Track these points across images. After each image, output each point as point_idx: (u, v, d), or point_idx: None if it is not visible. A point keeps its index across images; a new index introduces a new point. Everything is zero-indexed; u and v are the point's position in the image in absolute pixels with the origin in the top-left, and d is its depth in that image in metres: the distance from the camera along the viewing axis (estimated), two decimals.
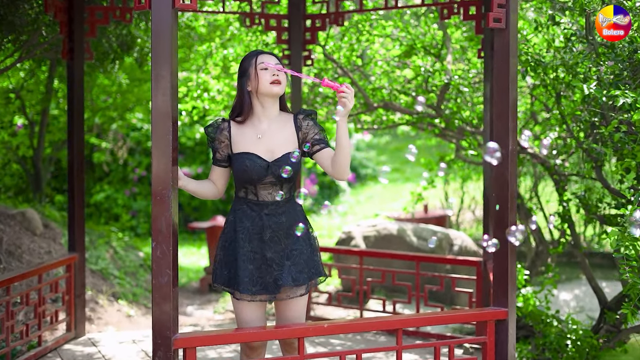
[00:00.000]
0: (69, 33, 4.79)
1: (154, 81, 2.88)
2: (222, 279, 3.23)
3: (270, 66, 3.16)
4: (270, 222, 3.18)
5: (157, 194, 2.90)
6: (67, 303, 4.89)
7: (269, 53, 3.26)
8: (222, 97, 6.25)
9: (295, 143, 3.24)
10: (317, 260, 3.28)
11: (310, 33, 5.27)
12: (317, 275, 3.25)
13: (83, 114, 4.91)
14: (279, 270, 3.16)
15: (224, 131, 3.24)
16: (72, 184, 4.87)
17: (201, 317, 6.60)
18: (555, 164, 5.35)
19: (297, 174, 3.24)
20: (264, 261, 3.17)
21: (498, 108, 3.42)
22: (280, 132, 3.23)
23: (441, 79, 5.47)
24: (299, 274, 3.17)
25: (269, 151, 3.20)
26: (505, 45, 3.39)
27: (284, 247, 3.19)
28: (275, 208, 3.20)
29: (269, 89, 3.18)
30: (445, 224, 8.29)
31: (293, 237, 3.20)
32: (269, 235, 3.17)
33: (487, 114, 4.67)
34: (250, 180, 3.17)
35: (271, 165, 3.17)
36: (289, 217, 3.21)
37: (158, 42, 2.86)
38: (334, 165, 3.16)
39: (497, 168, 3.42)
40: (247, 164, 3.16)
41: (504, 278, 3.43)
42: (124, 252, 7.66)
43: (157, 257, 2.90)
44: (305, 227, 3.25)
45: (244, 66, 3.23)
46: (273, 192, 3.20)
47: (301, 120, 3.26)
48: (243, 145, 3.21)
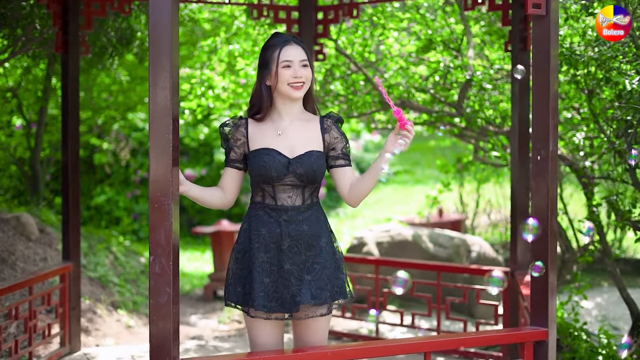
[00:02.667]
0: (63, 25, 4.45)
1: (152, 73, 2.52)
2: (235, 296, 2.85)
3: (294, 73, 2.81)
4: (290, 229, 2.80)
5: (155, 201, 2.54)
6: (61, 316, 4.54)
7: (295, 41, 2.86)
8: (228, 94, 5.89)
9: (319, 144, 2.87)
10: (342, 278, 2.89)
11: (322, 26, 4.91)
12: (342, 297, 2.86)
13: (78, 112, 4.56)
14: (297, 285, 2.78)
15: (240, 128, 2.88)
16: (67, 187, 4.52)
17: (205, 327, 6.24)
18: (584, 166, 5.00)
19: (321, 177, 2.87)
20: (281, 274, 2.80)
21: (537, 104, 3.07)
22: (303, 130, 2.87)
23: (462, 75, 5.11)
24: (319, 291, 2.79)
25: (289, 148, 2.84)
26: (546, 34, 3.04)
27: (305, 259, 2.81)
28: (296, 214, 2.82)
29: (287, 91, 2.82)
30: (460, 229, 7.92)
31: (316, 248, 2.82)
32: (288, 244, 2.80)
33: (515, 112, 4.31)
34: (268, 179, 2.80)
35: (292, 162, 2.80)
36: (312, 226, 2.84)
37: (156, 28, 2.51)
38: (353, 190, 2.84)
39: (536, 171, 3.07)
40: (266, 159, 2.79)
41: (543, 294, 3.07)
42: (124, 258, 7.31)
43: (156, 273, 2.54)
44: (330, 240, 2.89)
45: (266, 57, 2.85)
46: (293, 195, 2.83)
47: (330, 125, 2.90)
48: (261, 142, 2.85)
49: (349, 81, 5.64)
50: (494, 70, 5.29)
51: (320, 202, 2.96)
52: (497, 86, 5.32)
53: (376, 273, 4.88)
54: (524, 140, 4.29)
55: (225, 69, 6.11)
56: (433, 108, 5.33)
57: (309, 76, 2.85)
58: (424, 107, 5.29)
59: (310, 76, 2.86)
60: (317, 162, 2.82)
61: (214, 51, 6.19)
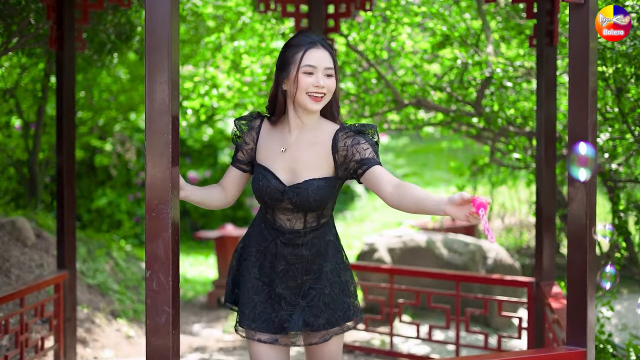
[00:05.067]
0: (58, 19, 4.17)
1: (149, 64, 2.24)
2: (232, 297, 2.68)
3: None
4: (286, 252, 2.53)
5: (153, 209, 2.25)
6: (56, 328, 4.26)
7: (322, 44, 2.50)
8: (233, 93, 5.60)
9: (329, 167, 2.51)
10: (348, 301, 2.59)
11: (333, 20, 4.63)
12: (346, 321, 2.57)
13: (74, 111, 4.29)
14: (287, 310, 2.53)
15: (252, 131, 2.59)
16: (62, 191, 4.25)
17: (209, 337, 5.95)
18: (610, 169, 4.71)
19: (328, 202, 2.54)
20: (271, 295, 2.54)
21: (574, 101, 2.79)
22: (309, 149, 2.52)
23: (481, 72, 4.82)
24: (313, 319, 2.51)
25: (290, 172, 2.52)
26: (584, 25, 2.75)
27: (300, 284, 2.54)
28: (294, 238, 2.53)
29: (304, 102, 2.47)
30: (474, 233, 7.62)
31: (315, 272, 2.54)
32: (282, 267, 2.53)
33: (540, 112, 4.02)
34: (264, 202, 2.54)
35: (287, 190, 2.49)
36: (313, 250, 2.54)
37: (153, 11, 2.22)
38: (402, 197, 2.35)
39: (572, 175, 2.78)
40: (261, 183, 2.51)
41: (581, 311, 2.78)
42: (125, 264, 7.03)
43: (153, 291, 2.25)
44: (337, 263, 2.59)
45: (286, 57, 2.51)
46: (293, 219, 2.53)
47: (340, 139, 2.50)
48: (265, 155, 2.56)
49: (360, 79, 5.35)
50: (513, 68, 5.01)
51: (332, 219, 2.64)
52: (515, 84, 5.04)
53: (390, 282, 4.59)
54: (550, 141, 4.00)
55: (230, 66, 5.82)
56: (449, 107, 5.04)
57: (332, 87, 2.50)
58: (439, 106, 5.00)
59: (334, 87, 2.51)
60: (316, 193, 2.47)
61: (218, 48, 5.90)
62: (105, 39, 5.13)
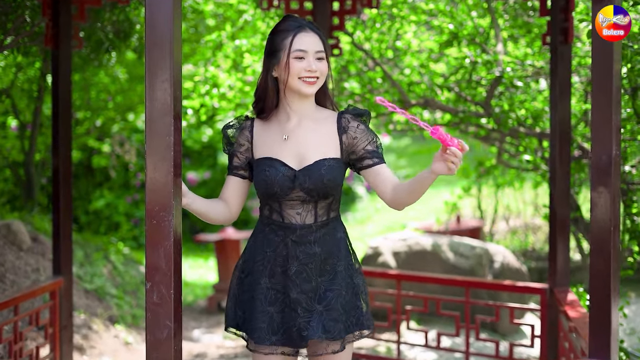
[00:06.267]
0: (53, 16, 4.02)
1: (149, 61, 2.09)
2: (235, 321, 2.48)
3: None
4: (298, 251, 2.39)
5: (153, 217, 2.11)
6: (51, 336, 4.10)
7: (311, 27, 2.41)
8: (234, 93, 5.45)
9: (336, 148, 2.42)
10: (360, 306, 2.45)
11: (338, 17, 4.48)
12: (359, 328, 2.43)
13: (70, 111, 4.13)
14: (305, 317, 2.36)
15: (245, 131, 2.46)
16: (58, 194, 4.08)
17: (209, 343, 5.80)
18: (623, 171, 4.57)
19: (336, 190, 2.42)
20: (287, 303, 2.38)
21: (597, 101, 2.65)
22: (314, 132, 2.42)
23: (490, 71, 4.67)
24: (333, 324, 2.36)
25: (297, 156, 2.40)
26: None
27: (315, 287, 2.39)
28: (306, 234, 2.39)
29: (298, 86, 2.38)
30: (479, 236, 7.48)
31: (330, 273, 2.40)
32: (296, 269, 2.38)
33: (554, 112, 3.87)
34: (272, 195, 2.38)
35: (298, 174, 2.37)
36: (326, 247, 2.41)
37: (154, 7, 2.08)
38: (397, 198, 2.36)
39: (597, 179, 2.64)
40: (268, 173, 2.37)
41: (605, 322, 2.64)
42: (123, 267, 6.88)
43: (154, 304, 2.11)
44: (349, 262, 2.45)
45: (275, 43, 2.40)
46: (303, 212, 2.40)
47: (348, 121, 2.43)
48: (265, 149, 2.42)
49: (365, 78, 5.20)
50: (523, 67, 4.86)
51: (340, 215, 2.52)
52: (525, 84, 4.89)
53: (398, 288, 4.44)
54: (564, 143, 3.86)
55: (232, 65, 5.67)
56: (457, 108, 4.89)
57: (325, 71, 2.41)
58: (447, 107, 4.85)
59: (326, 71, 2.42)
60: (329, 174, 2.37)
61: (219, 47, 5.74)
62: (103, 37, 4.98)
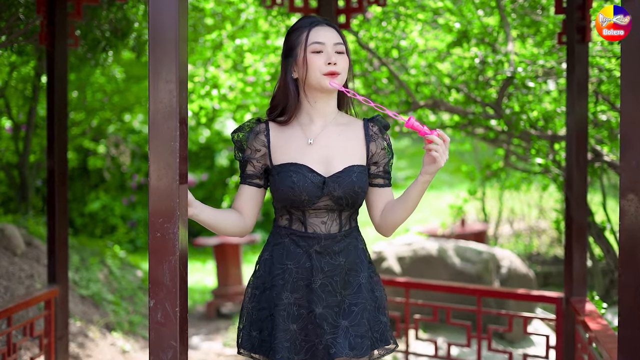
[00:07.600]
0: (49, 13, 3.86)
1: (153, 61, 1.93)
2: (249, 342, 2.28)
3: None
4: (323, 263, 2.23)
5: (157, 229, 1.94)
6: (46, 348, 3.94)
7: (326, 22, 2.29)
8: (235, 94, 5.28)
9: (362, 155, 2.29)
10: (384, 320, 2.31)
11: (344, 15, 4.32)
12: (384, 343, 2.29)
13: (66, 112, 3.97)
14: (331, 334, 2.20)
15: (260, 135, 2.29)
16: (53, 198, 3.92)
17: (209, 351, 5.64)
18: None
19: (363, 198, 2.29)
20: (312, 319, 2.22)
21: (627, 101, 2.49)
22: (341, 137, 2.28)
23: (499, 72, 4.52)
24: (360, 340, 2.21)
25: (323, 162, 2.25)
26: (637, 14, 2.45)
27: (341, 300, 2.23)
28: (331, 244, 2.24)
29: (320, 82, 2.23)
30: (484, 240, 7.33)
31: (354, 286, 2.25)
32: (320, 281, 2.22)
33: (571, 114, 3.72)
34: (298, 204, 2.22)
35: (328, 182, 2.21)
36: (349, 258, 2.26)
37: (158, 3, 1.92)
38: (387, 216, 2.29)
39: (626, 185, 2.48)
40: (295, 179, 2.20)
41: (636, 340, 2.48)
42: (119, 272, 6.71)
43: (158, 323, 1.95)
44: (370, 274, 2.31)
45: (290, 42, 2.28)
46: (328, 220, 2.25)
47: (376, 133, 2.32)
48: (287, 154, 2.25)
49: (370, 79, 5.04)
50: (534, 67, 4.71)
51: (358, 225, 2.38)
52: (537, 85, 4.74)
53: (406, 297, 4.28)
54: (581, 146, 3.71)
55: (232, 65, 5.50)
56: (466, 109, 4.74)
57: (345, 66, 2.27)
58: (457, 108, 4.69)
59: (347, 66, 2.28)
60: (359, 181, 2.24)
61: (219, 46, 5.58)
62: (100, 36, 4.81)
